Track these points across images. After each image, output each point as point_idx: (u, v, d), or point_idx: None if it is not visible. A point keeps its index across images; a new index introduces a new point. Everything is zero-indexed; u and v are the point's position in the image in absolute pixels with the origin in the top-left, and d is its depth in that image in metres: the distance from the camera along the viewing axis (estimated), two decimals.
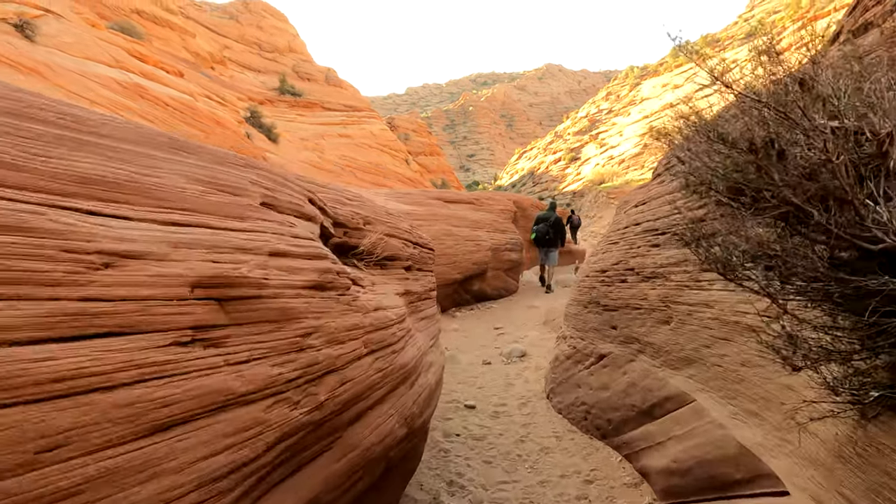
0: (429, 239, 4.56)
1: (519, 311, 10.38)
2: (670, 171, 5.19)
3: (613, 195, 35.29)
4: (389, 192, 13.93)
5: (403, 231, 3.80)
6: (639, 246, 4.66)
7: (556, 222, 12.67)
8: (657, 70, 71.21)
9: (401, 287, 3.26)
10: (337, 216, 2.90)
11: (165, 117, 21.06)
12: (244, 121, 31.37)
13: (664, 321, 4.02)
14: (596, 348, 4.84)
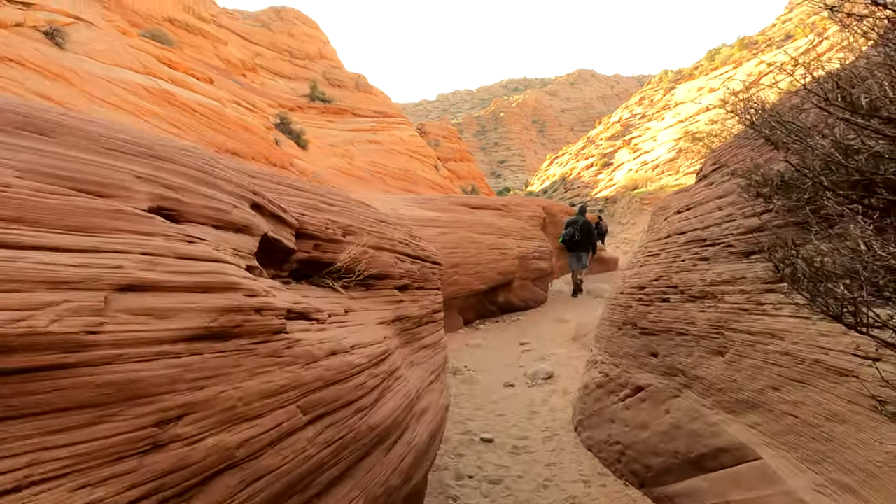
0: (434, 251, 3.93)
1: (547, 324, 9.65)
2: (721, 172, 4.47)
3: (647, 201, 34.22)
4: (412, 198, 13.34)
5: (398, 242, 3.15)
6: (683, 259, 3.94)
7: (584, 226, 12.43)
8: (692, 74, 69.73)
9: (390, 313, 2.63)
10: (305, 225, 2.29)
11: (193, 123, 20.87)
12: (273, 127, 31.26)
13: (717, 351, 3.30)
14: (632, 378, 4.13)
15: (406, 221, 5.52)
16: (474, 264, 9.44)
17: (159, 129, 18.31)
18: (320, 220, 2.43)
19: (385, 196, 14.00)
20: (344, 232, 2.58)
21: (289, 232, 2.16)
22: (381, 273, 2.78)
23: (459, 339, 8.62)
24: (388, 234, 3.07)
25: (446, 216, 11.00)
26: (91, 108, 16.30)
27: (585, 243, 12.49)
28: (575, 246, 12.50)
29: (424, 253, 3.58)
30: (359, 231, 2.70)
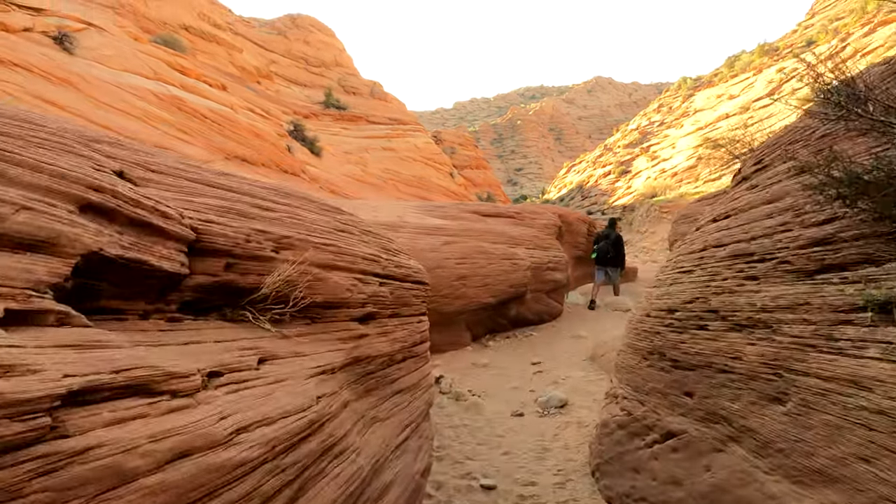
0: (417, 267, 3.25)
1: (562, 342, 8.91)
2: (767, 172, 3.73)
3: (667, 209, 33.27)
4: (420, 205, 12.69)
5: (360, 258, 2.45)
6: (725, 277, 3.21)
7: (616, 240, 12.31)
8: (711, 81, 68.77)
9: (340, 355, 1.96)
10: (210, 236, 1.63)
11: (202, 129, 20.46)
12: (287, 134, 30.90)
13: (774, 398, 2.57)
14: (661, 420, 3.40)
15: (380, 229, 4.87)
16: (484, 276, 8.75)
17: (168, 134, 17.90)
18: (237, 229, 1.76)
19: (391, 203, 13.36)
20: (277, 246, 1.90)
21: (173, 246, 1.50)
22: (332, 300, 2.10)
23: (466, 358, 7.91)
24: (347, 247, 2.37)
25: (455, 224, 10.33)
26: (97, 114, 15.88)
27: (617, 258, 12.27)
28: (608, 261, 12.27)
29: (402, 271, 2.89)
30: (300, 244, 2.02)
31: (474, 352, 8.35)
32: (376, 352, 2.27)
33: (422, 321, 3.14)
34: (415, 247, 8.08)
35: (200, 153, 18.51)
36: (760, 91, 52.27)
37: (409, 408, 2.47)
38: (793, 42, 62.69)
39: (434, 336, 8.44)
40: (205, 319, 1.69)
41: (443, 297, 8.06)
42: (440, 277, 8.08)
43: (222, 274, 1.71)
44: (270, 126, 29.04)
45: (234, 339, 1.60)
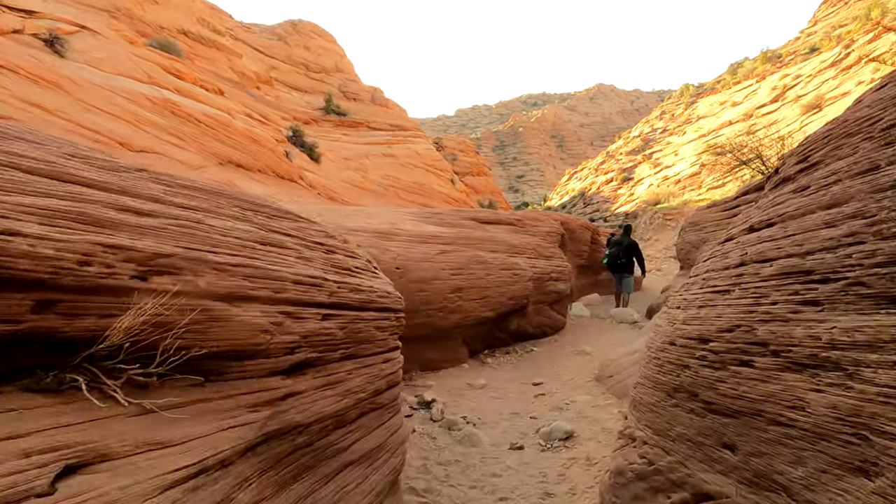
0: (384, 289, 2.59)
1: (565, 358, 8.24)
2: (817, 171, 3.07)
3: (671, 216, 32.60)
4: (416, 212, 12.05)
5: (290, 284, 1.73)
6: (774, 301, 2.56)
7: (629, 246, 12.21)
8: (714, 88, 68.38)
9: (243, 431, 1.29)
10: (6, 257, 0.99)
11: (196, 134, 19.88)
12: (286, 140, 30.37)
13: (856, 468, 1.92)
14: (692, 477, 2.74)
15: (338, 239, 4.25)
16: (482, 288, 8.10)
17: (158, 139, 17.32)
18: (66, 245, 1.11)
19: (386, 210, 12.72)
20: (145, 270, 1.24)
21: None
22: (239, 347, 1.45)
23: (463, 377, 7.25)
24: (269, 268, 1.67)
25: (452, 232, 9.69)
26: (84, 117, 15.30)
27: (630, 264, 12.11)
28: (619, 267, 12.10)
29: (360, 297, 2.17)
30: (188, 266, 1.35)
31: (471, 370, 7.69)
32: (313, 415, 1.60)
33: (390, 360, 2.48)
34: (409, 256, 7.45)
35: (192, 158, 17.93)
36: (764, 98, 51.79)
37: (364, 486, 1.80)
38: (795, 49, 62.27)
39: (428, 352, 7.78)
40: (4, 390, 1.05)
41: (437, 310, 7.42)
42: (435, 290, 7.45)
43: (28, 318, 1.07)
44: (269, 132, 28.51)
45: (34, 431, 0.96)
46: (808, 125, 35.60)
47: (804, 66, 52.44)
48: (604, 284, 16.58)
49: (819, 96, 41.06)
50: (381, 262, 6.90)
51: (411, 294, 7.18)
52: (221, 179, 17.88)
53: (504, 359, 8.40)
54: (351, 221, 9.98)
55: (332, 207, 11.55)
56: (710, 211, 14.02)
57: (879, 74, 37.22)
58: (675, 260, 14.54)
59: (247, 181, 19.99)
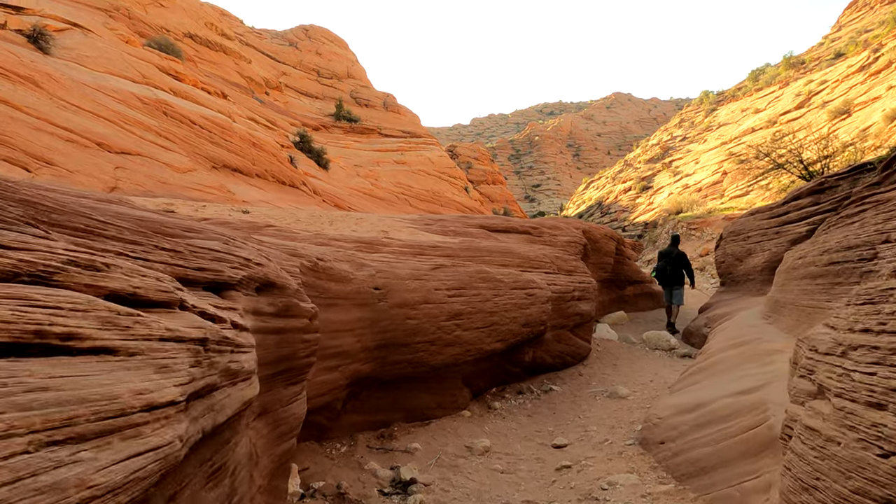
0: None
1: (594, 403, 6.39)
2: None
3: (695, 226, 30.52)
4: (417, 218, 10.31)
5: None
6: None
7: (678, 257, 11.76)
8: (735, 95, 66.25)
9: None
10: None
11: (189, 136, 18.31)
12: (292, 145, 28.92)
13: None
14: None
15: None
16: (488, 313, 6.30)
17: (144, 140, 15.74)
18: None
19: (380, 216, 10.99)
20: None
21: None
22: None
23: (460, 434, 5.43)
24: None
25: (455, 242, 7.94)
26: (59, 115, 13.75)
27: (679, 276, 11.67)
28: (668, 280, 11.74)
29: None
30: None
31: (472, 420, 5.86)
32: None
33: None
34: (394, 273, 5.70)
35: (181, 160, 16.36)
36: (788, 104, 49.67)
37: None
38: (820, 55, 60.09)
39: (416, 397, 5.97)
40: None
41: (428, 343, 5.65)
42: (426, 316, 5.68)
43: None
44: (274, 137, 27.07)
45: None
46: (837, 131, 33.44)
47: (830, 72, 50.29)
48: (630, 301, 14.74)
49: (847, 101, 38.88)
50: (352, 281, 5.16)
51: (394, 322, 5.42)
52: (211, 184, 16.33)
53: (515, 402, 6.57)
54: (333, 229, 8.26)
55: (316, 213, 9.84)
56: (754, 218, 12.12)
57: None
58: (719, 273, 12.62)
59: (242, 186, 18.44)
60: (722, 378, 5.25)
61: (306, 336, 3.43)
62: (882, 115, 29.31)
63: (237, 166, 19.29)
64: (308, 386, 4.48)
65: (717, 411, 4.29)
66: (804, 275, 6.17)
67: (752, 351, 5.73)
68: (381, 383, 5.54)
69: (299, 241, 6.58)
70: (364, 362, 5.19)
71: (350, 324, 5.02)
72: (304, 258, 4.67)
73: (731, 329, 7.40)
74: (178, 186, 14.89)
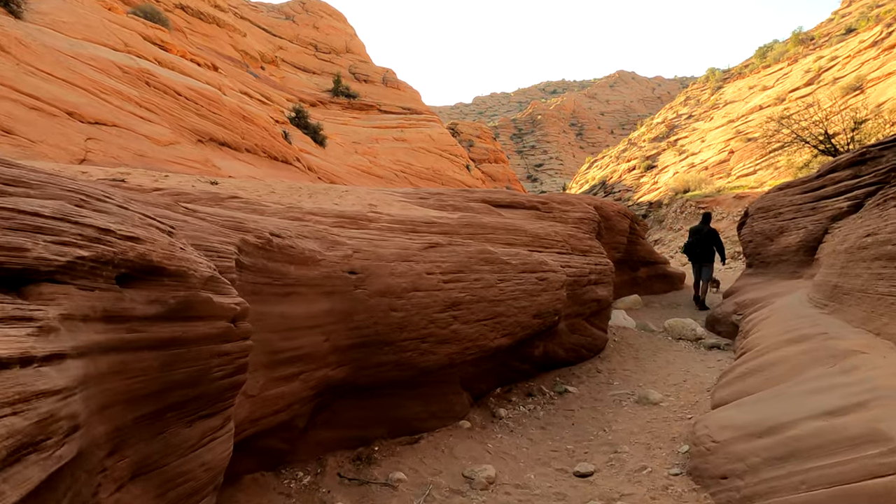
0: None
1: (620, 410, 5.22)
2: None
3: (704, 205, 29.25)
4: (410, 192, 9.11)
5: None
6: None
7: (708, 235, 11.56)
8: (741, 72, 64.46)
9: None
10: None
11: (172, 107, 16.99)
12: (287, 121, 27.61)
13: None
14: None
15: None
16: (492, 301, 5.14)
17: (122, 110, 14.45)
18: None
19: (368, 188, 9.81)
20: None
21: None
22: None
23: (457, 455, 4.27)
24: None
25: (454, 218, 6.76)
26: (25, 81, 12.47)
27: (709, 253, 11.49)
28: (698, 256, 11.54)
29: None
30: None
31: (472, 434, 4.71)
32: None
33: None
34: (376, 253, 4.53)
35: (162, 133, 15.10)
36: (797, 81, 48.02)
37: None
38: (829, 31, 58.20)
39: (403, 406, 4.61)
40: None
41: (418, 339, 4.50)
42: (416, 306, 4.52)
43: None
44: (268, 112, 25.79)
45: None
46: (841, 113, 32.08)
47: (840, 48, 48.59)
48: (643, 283, 13.59)
49: (860, 77, 37.33)
50: (320, 263, 4.00)
51: (375, 315, 4.27)
52: (195, 157, 15.10)
53: (525, 408, 5.42)
54: (311, 202, 7.07)
55: (296, 185, 8.65)
56: (784, 193, 10.89)
57: None
58: (745, 254, 11.45)
59: (230, 160, 17.22)
60: (789, 387, 4.11)
61: (225, 347, 2.29)
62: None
63: (225, 140, 18.06)
64: (252, 404, 3.34)
65: (802, 440, 3.15)
66: (879, 255, 5.00)
67: (820, 350, 4.58)
68: (360, 391, 4.41)
69: (268, 215, 5.42)
70: (335, 366, 4.05)
71: (316, 318, 3.86)
72: (251, 233, 3.50)
73: (778, 319, 6.24)
74: (158, 160, 13.70)
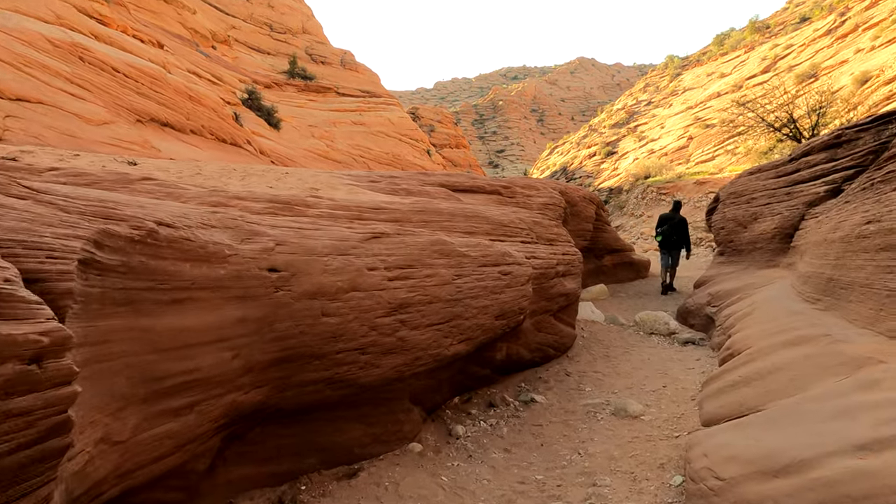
0: None
1: (596, 428, 4.46)
2: None
3: (666, 190, 29.02)
4: (361, 175, 8.22)
5: None
6: None
7: (680, 223, 11.78)
8: (699, 60, 64.99)
9: None
10: None
11: (110, 85, 15.57)
12: (240, 103, 26.24)
13: None
14: None
15: None
16: (447, 302, 4.35)
17: (49, 86, 13.10)
18: None
19: (312, 171, 8.90)
20: None
21: None
22: None
23: (402, 493, 3.47)
24: None
25: (406, 203, 5.92)
26: None
27: (681, 242, 11.79)
28: (672, 244, 11.76)
29: None
30: None
31: (423, 461, 3.90)
32: None
33: None
34: (305, 246, 3.68)
35: (96, 111, 13.79)
36: (754, 68, 48.57)
37: None
38: (785, 19, 58.92)
39: (340, 430, 3.43)
40: None
41: (357, 351, 3.67)
42: (353, 310, 3.69)
43: None
44: (218, 92, 24.41)
45: None
46: (805, 95, 32.28)
47: (796, 36, 49.30)
48: (608, 272, 13.02)
49: (815, 65, 37.83)
50: (228, 260, 3.13)
51: (302, 322, 3.42)
52: (132, 138, 13.86)
53: (486, 422, 4.65)
54: (242, 185, 6.13)
55: (229, 167, 7.66)
56: (757, 178, 10.37)
57: (880, 41, 34.19)
58: (716, 241, 10.90)
59: (172, 142, 15.97)
60: (798, 403, 3.43)
61: (18, 403, 1.45)
62: (852, 79, 28.11)
63: (168, 121, 16.77)
64: (120, 453, 2.48)
65: (836, 485, 2.45)
66: (886, 245, 4.37)
67: (825, 356, 3.92)
68: (285, 415, 3.58)
69: (185, 200, 4.52)
70: (250, 389, 3.20)
71: (221, 330, 3.00)
72: (125, 222, 2.61)
73: (765, 316, 5.60)
74: (89, 140, 12.46)
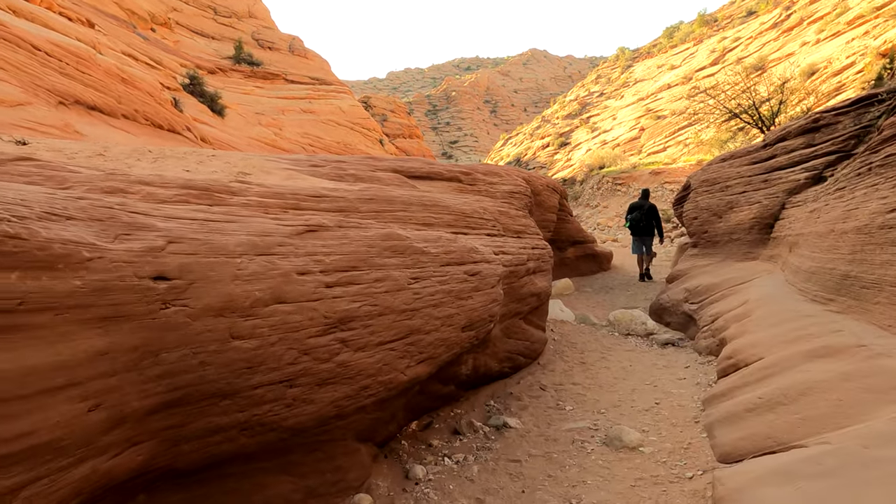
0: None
1: (587, 466, 3.57)
2: None
3: (621, 181, 28.70)
4: (302, 159, 7.18)
5: None
6: None
7: (650, 210, 11.91)
8: (650, 52, 65.68)
9: None
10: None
11: (28, 63, 13.94)
12: (181, 88, 24.62)
13: None
14: None
15: None
16: (402, 313, 3.42)
17: None
18: None
19: (244, 154, 7.82)
20: None
21: None
22: None
23: None
24: None
25: (353, 190, 4.95)
26: None
27: (650, 227, 11.91)
28: (641, 230, 11.90)
29: None
30: None
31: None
32: None
33: None
34: (208, 246, 2.68)
35: (9, 92, 12.23)
36: (703, 60, 49.31)
37: None
38: (732, 13, 59.91)
39: (266, 486, 2.93)
40: None
41: (284, 384, 2.71)
42: (276, 329, 2.72)
43: None
44: (157, 76, 22.76)
45: None
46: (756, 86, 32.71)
47: (743, 29, 50.26)
48: (571, 264, 12.33)
49: (762, 58, 38.60)
50: (90, 266, 2.11)
51: (200, 349, 2.43)
52: (51, 122, 12.38)
53: (452, 459, 3.75)
54: (151, 168, 5.04)
55: (143, 149, 6.51)
56: (730, 165, 9.75)
57: (825, 34, 34.87)
58: (688, 231, 10.28)
59: (100, 126, 14.47)
60: (860, 444, 2.66)
61: None
62: (799, 71, 28.42)
63: (96, 104, 15.23)
64: None
65: None
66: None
67: (870, 374, 3.16)
68: (182, 476, 2.60)
69: (71, 185, 3.47)
70: (121, 449, 2.21)
71: (69, 371, 1.99)
72: None
73: (769, 318, 4.86)
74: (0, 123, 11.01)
